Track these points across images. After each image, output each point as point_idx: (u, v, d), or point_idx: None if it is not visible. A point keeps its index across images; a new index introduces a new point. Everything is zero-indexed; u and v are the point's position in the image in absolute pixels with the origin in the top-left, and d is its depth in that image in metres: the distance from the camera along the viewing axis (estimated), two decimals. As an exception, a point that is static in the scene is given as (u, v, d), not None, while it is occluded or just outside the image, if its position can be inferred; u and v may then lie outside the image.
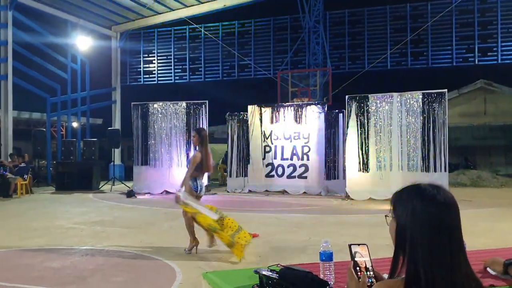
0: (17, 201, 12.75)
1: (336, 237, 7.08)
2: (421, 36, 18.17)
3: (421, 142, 12.17)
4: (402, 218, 1.45)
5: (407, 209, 1.44)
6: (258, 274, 2.10)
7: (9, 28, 15.89)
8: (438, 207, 1.40)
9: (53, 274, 5.25)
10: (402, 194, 1.49)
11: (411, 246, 1.40)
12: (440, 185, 1.47)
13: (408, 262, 1.41)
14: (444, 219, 1.39)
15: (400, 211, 1.47)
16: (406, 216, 1.44)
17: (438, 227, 1.38)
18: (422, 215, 1.40)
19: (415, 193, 1.46)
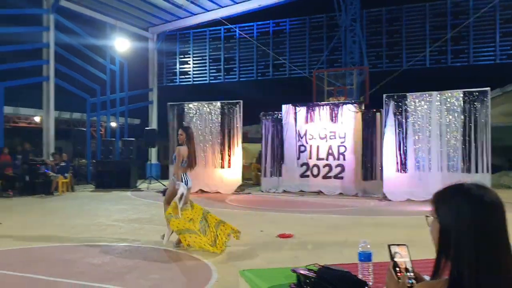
0: (59, 199, 13.13)
1: (373, 238, 6.92)
2: (462, 33, 17.65)
3: (462, 142, 11.82)
4: (446, 219, 1.40)
5: (452, 210, 1.38)
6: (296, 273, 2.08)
7: (51, 31, 16.40)
8: (485, 208, 1.34)
9: (93, 270, 5.37)
10: (445, 193, 1.44)
11: (455, 249, 1.35)
12: (486, 185, 1.41)
13: (452, 264, 1.36)
14: (491, 221, 1.33)
15: (444, 211, 1.41)
16: (450, 217, 1.39)
17: (485, 229, 1.32)
18: (468, 216, 1.34)
19: (461, 192, 1.40)
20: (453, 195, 1.41)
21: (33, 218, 9.55)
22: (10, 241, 7.01)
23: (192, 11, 19.44)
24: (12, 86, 16.01)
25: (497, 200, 1.37)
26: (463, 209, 1.36)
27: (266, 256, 6.02)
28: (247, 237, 7.34)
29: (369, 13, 19.02)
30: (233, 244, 6.78)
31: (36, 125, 21.30)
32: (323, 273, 2.00)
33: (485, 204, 1.35)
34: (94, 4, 17.77)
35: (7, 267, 5.50)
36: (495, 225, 1.33)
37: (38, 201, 12.47)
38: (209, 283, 4.83)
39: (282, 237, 7.20)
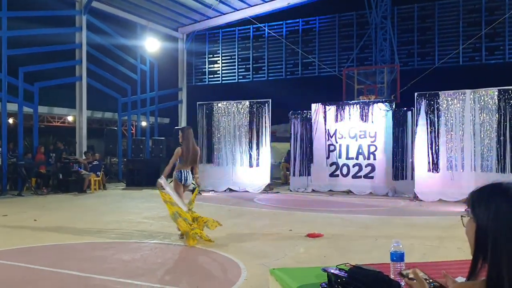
0: (91, 196, 13.40)
1: (404, 239, 6.83)
2: (497, 30, 17.15)
3: (497, 141, 11.48)
4: (483, 219, 1.35)
5: (489, 210, 1.33)
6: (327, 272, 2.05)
7: (83, 32, 16.75)
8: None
9: (124, 267, 5.45)
10: (483, 193, 1.38)
11: (494, 250, 1.30)
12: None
13: (489, 266, 1.31)
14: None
15: (481, 211, 1.36)
16: (487, 217, 1.33)
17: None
18: (507, 216, 1.29)
19: (499, 192, 1.34)
20: (491, 194, 1.36)
21: (66, 215, 9.77)
22: (44, 238, 7.19)
23: (221, 11, 19.53)
24: (46, 86, 16.42)
25: None
26: (501, 209, 1.31)
27: (294, 255, 5.99)
28: (275, 236, 7.34)
29: (400, 10, 18.70)
30: (262, 243, 6.78)
31: (69, 125, 21.82)
32: (354, 273, 1.96)
33: None
34: (125, 5, 18.05)
35: (41, 262, 5.64)
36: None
37: (71, 199, 12.76)
38: (239, 281, 4.83)
39: (312, 237, 7.15)
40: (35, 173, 14.45)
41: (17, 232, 7.72)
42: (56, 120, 22.35)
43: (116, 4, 17.85)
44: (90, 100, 17.36)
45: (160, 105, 20.99)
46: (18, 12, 15.14)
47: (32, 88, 15.24)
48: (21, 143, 14.67)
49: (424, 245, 6.59)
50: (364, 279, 1.92)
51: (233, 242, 6.88)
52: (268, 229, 8.09)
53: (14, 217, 9.27)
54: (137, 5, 18.08)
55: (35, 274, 5.20)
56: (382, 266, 2.42)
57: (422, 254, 5.92)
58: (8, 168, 13.95)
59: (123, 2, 17.71)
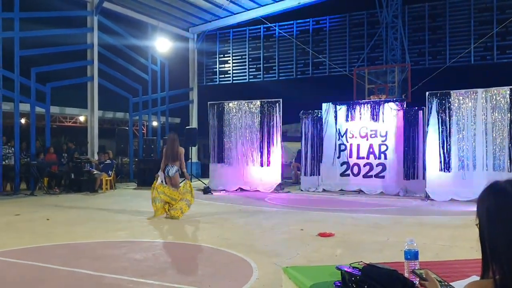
0: (102, 196, 13.50)
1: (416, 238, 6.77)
2: (508, 28, 16.98)
3: (509, 140, 11.38)
4: (481, 218, 1.39)
5: (483, 207, 1.37)
6: (340, 270, 2.05)
7: (94, 32, 16.88)
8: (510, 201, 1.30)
9: (135, 266, 5.48)
10: (481, 193, 1.42)
11: (491, 246, 1.34)
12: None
13: (492, 262, 1.33)
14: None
15: (479, 210, 1.40)
16: (481, 215, 1.38)
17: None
18: (496, 213, 1.32)
19: (490, 190, 1.38)
20: (485, 193, 1.40)
21: (78, 214, 9.85)
22: (56, 237, 7.26)
23: (232, 11, 19.57)
24: (58, 86, 16.56)
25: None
26: (491, 206, 1.34)
27: (306, 255, 5.99)
28: (287, 235, 7.34)
29: (411, 9, 18.57)
30: (273, 242, 6.79)
31: (81, 124, 21.98)
32: (368, 271, 1.96)
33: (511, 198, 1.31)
34: (136, 6, 18.15)
35: (53, 261, 5.70)
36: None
37: (83, 198, 12.86)
38: (251, 279, 4.84)
39: (323, 236, 7.15)
40: (47, 173, 14.59)
41: (30, 231, 7.80)
42: (68, 120, 22.53)
43: (127, 5, 17.96)
44: (101, 100, 17.49)
45: (171, 105, 21.08)
46: (30, 13, 15.30)
47: (44, 89, 15.39)
48: (33, 143, 14.82)
49: (437, 244, 6.56)
50: (379, 277, 1.92)
51: (245, 241, 6.89)
52: (279, 228, 8.10)
53: (27, 216, 9.37)
54: (148, 6, 18.17)
55: (48, 273, 5.25)
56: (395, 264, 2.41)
57: (435, 253, 5.89)
58: (21, 168, 14.10)
59: (134, 3, 17.82)
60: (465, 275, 2.47)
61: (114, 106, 20.64)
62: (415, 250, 2.20)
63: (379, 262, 2.47)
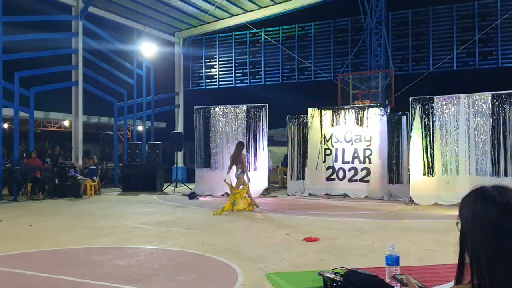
0: (87, 202, 13.38)
1: (400, 242, 6.88)
2: (490, 35, 17.29)
3: (491, 145, 11.58)
4: (464, 223, 1.39)
5: (467, 212, 1.38)
6: (323, 276, 2.08)
7: (79, 37, 16.77)
8: (497, 208, 1.31)
9: (120, 272, 5.46)
10: (465, 198, 1.43)
11: (472, 251, 1.34)
12: (507, 186, 1.38)
13: (471, 267, 1.34)
14: (504, 221, 1.29)
15: (462, 215, 1.41)
16: (465, 220, 1.38)
17: (499, 230, 1.29)
18: (480, 217, 1.33)
19: (476, 195, 1.39)
20: (469, 198, 1.40)
21: (62, 220, 9.76)
22: (39, 243, 7.18)
23: (218, 16, 19.61)
24: (42, 91, 16.41)
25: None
26: (476, 211, 1.35)
27: (291, 260, 6.02)
28: (273, 240, 7.36)
29: (394, 16, 18.81)
30: (259, 247, 6.81)
31: (65, 129, 21.78)
32: (350, 277, 1.99)
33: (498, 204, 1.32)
34: (122, 11, 18.09)
35: (36, 268, 5.64)
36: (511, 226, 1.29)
37: (67, 204, 12.73)
38: (236, 285, 4.85)
39: (309, 241, 7.18)
40: (30, 178, 14.42)
41: (12, 238, 7.71)
42: (52, 125, 22.32)
43: (112, 10, 17.90)
44: (86, 105, 17.36)
45: (157, 109, 21.01)
46: (14, 17, 15.13)
47: (28, 93, 15.23)
48: (16, 148, 14.64)
49: (421, 248, 6.63)
50: (360, 283, 1.95)
51: (230, 247, 6.90)
52: (265, 233, 8.11)
53: (9, 223, 9.25)
54: (134, 10, 18.13)
55: (30, 280, 5.19)
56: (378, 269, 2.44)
57: (418, 258, 5.96)
58: (4, 173, 13.92)
59: (120, 7, 17.76)
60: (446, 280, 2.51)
61: (99, 110, 20.52)
62: (396, 255, 2.24)
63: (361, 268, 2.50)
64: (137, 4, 17.52)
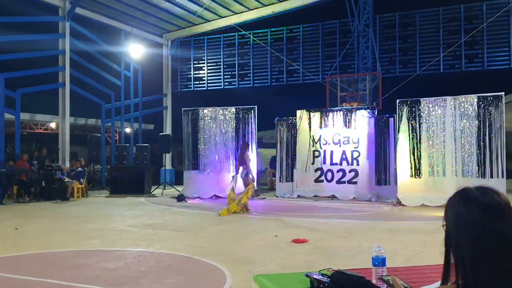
0: (74, 204, 13.27)
1: (388, 244, 6.93)
2: (476, 38, 17.50)
3: (477, 147, 11.71)
4: (449, 224, 1.41)
5: (451, 213, 1.39)
6: (309, 278, 2.09)
7: (66, 38, 16.64)
8: (480, 209, 1.32)
9: (107, 275, 5.42)
10: (449, 199, 1.44)
11: (457, 252, 1.36)
12: (491, 187, 1.39)
13: (456, 268, 1.36)
14: (487, 222, 1.30)
15: (447, 216, 1.42)
16: (450, 221, 1.40)
17: (482, 230, 1.30)
18: (464, 218, 1.35)
19: (459, 196, 1.40)
20: (454, 199, 1.41)
21: (49, 223, 9.66)
22: (26, 246, 7.11)
23: (207, 18, 19.58)
24: (28, 92, 16.24)
25: (498, 202, 1.34)
26: (460, 212, 1.36)
27: (280, 261, 6.02)
28: (261, 242, 7.36)
29: (382, 18, 18.95)
30: (247, 250, 6.81)
31: (52, 131, 21.58)
32: (336, 278, 2.00)
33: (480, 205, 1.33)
34: (109, 12, 17.99)
35: (23, 271, 5.59)
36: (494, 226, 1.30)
37: (54, 207, 12.62)
38: (223, 287, 4.84)
39: (297, 242, 7.20)
40: (16, 180, 14.26)
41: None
42: (38, 127, 22.09)
43: (100, 11, 17.79)
44: (73, 107, 17.22)
45: (145, 111, 20.91)
46: (0, 18, 14.99)
47: (14, 95, 15.07)
48: (2, 150, 14.47)
49: (408, 249, 6.68)
50: (346, 284, 1.96)
51: (218, 249, 6.89)
52: (254, 235, 8.12)
53: (-4, 226, 9.14)
54: (121, 12, 18.04)
55: (17, 284, 5.14)
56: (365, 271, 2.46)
57: (405, 258, 6.00)
58: (-11, 176, 13.74)
59: (107, 9, 17.67)
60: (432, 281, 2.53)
61: (86, 112, 20.35)
62: (383, 256, 2.25)
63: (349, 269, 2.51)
64: (125, 5, 17.44)
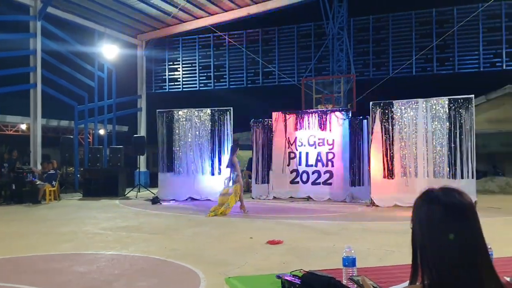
0: (46, 207, 13.02)
1: (361, 244, 7.02)
2: (447, 42, 17.91)
3: (448, 148, 11.96)
4: (414, 223, 1.45)
5: (417, 214, 1.43)
6: (281, 279, 2.11)
7: (38, 38, 16.30)
8: (442, 209, 1.36)
9: (79, 279, 5.34)
10: (415, 200, 1.48)
11: (422, 252, 1.39)
12: (454, 188, 1.43)
13: (422, 267, 1.39)
14: (449, 222, 1.35)
15: (413, 217, 1.46)
16: (414, 222, 1.44)
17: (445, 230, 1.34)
18: (427, 218, 1.39)
19: (423, 197, 1.44)
20: (419, 200, 1.45)
21: (20, 227, 9.46)
22: (-4, 250, 6.94)
23: (181, 19, 19.49)
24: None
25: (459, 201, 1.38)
26: (423, 212, 1.40)
27: (255, 263, 6.03)
28: (236, 244, 7.36)
29: (356, 22, 19.20)
30: (222, 252, 6.80)
31: (23, 133, 21.14)
32: (307, 279, 2.02)
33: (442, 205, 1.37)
34: (82, 12, 17.73)
35: (-7, 276, 5.46)
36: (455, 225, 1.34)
37: (25, 210, 12.35)
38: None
39: (272, 244, 7.23)
40: (-15, 184, 13.91)
41: (-33, 246, 7.42)
42: (9, 128, 21.61)
43: (72, 10, 17.52)
44: (45, 108, 16.88)
45: (118, 112, 20.67)
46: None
47: (-17, 96, 14.71)
48: (-29, 152, 14.11)
49: (381, 249, 6.78)
50: (317, 284, 1.98)
51: (193, 251, 6.86)
52: (229, 237, 8.11)
53: (-36, 230, 8.90)
54: (95, 12, 17.80)
55: (-14, 289, 5.02)
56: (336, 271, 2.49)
57: (378, 258, 6.09)
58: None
59: (80, 9, 17.41)
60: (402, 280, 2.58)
61: (58, 114, 20.00)
62: (353, 257, 2.29)
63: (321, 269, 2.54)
64: (98, 5, 17.21)
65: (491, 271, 1.35)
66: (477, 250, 1.34)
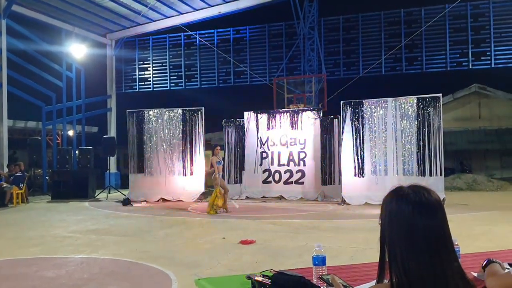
0: (13, 211, 12.69)
1: (333, 242, 7.09)
2: (415, 41, 18.27)
3: (416, 146, 12.19)
4: (383, 221, 1.46)
5: (385, 211, 1.45)
6: (251, 280, 2.10)
7: (2, 37, 15.86)
8: (410, 206, 1.38)
9: (47, 284, 5.22)
10: (384, 198, 1.49)
11: (390, 249, 1.40)
12: (422, 186, 1.45)
13: (390, 265, 1.40)
14: (417, 218, 1.36)
15: (381, 214, 1.47)
16: (383, 219, 1.45)
17: (413, 227, 1.35)
18: (396, 216, 1.40)
19: (392, 195, 1.45)
20: (387, 198, 1.47)
21: (-15, 231, 9.18)
22: (-41, 256, 6.72)
23: (151, 18, 19.27)
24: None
25: (428, 199, 1.39)
26: (392, 210, 1.42)
27: (227, 263, 6.02)
28: (208, 245, 7.33)
29: (326, 21, 19.39)
30: (194, 253, 6.76)
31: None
32: (277, 279, 2.02)
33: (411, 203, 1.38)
34: (49, 10, 17.34)
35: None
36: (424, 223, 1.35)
37: (-9, 213, 12.00)
38: (169, 292, 4.78)
39: (244, 243, 7.22)
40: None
41: None
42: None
43: (39, 9, 17.11)
44: (11, 109, 16.43)
45: (88, 113, 20.30)
46: None
47: None
48: None
49: (352, 247, 6.86)
50: (287, 284, 1.98)
51: (165, 253, 6.79)
52: (201, 238, 8.07)
53: None
54: (62, 10, 17.42)
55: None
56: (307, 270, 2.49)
57: (349, 256, 6.15)
58: None
59: (46, 7, 17.01)
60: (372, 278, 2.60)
61: (25, 115, 19.51)
62: (323, 255, 2.29)
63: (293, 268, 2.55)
64: (66, 3, 16.84)
65: (457, 267, 1.37)
66: (444, 247, 1.36)
